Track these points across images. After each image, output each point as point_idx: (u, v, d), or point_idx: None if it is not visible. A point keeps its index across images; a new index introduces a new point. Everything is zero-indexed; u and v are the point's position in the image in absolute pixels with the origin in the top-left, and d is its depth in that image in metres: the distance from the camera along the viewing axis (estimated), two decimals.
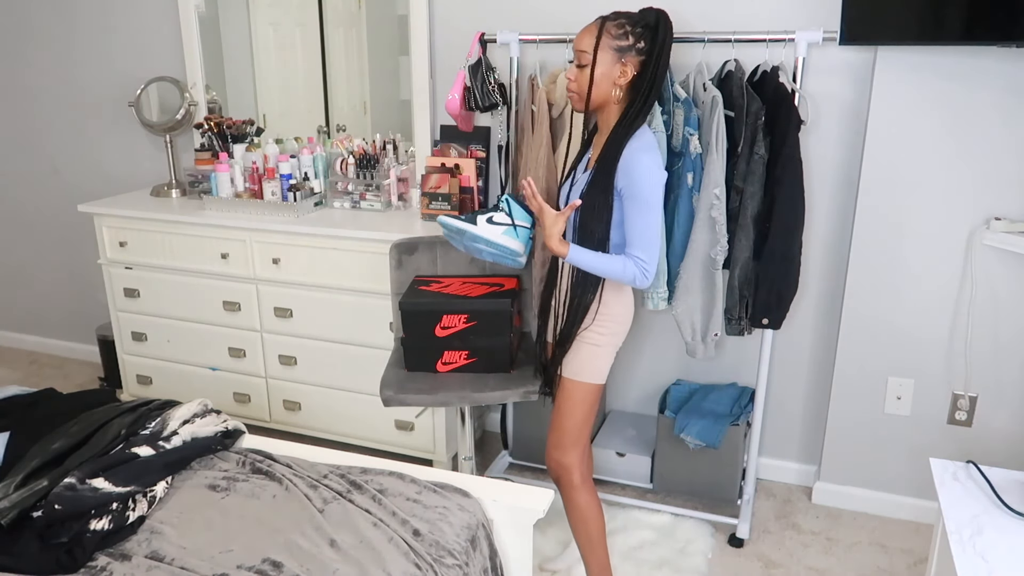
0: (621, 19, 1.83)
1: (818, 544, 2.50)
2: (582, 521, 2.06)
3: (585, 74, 1.84)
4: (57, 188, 3.59)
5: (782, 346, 2.71)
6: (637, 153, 1.82)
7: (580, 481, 2.03)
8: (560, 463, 2.03)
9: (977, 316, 2.39)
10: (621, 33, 1.81)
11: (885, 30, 2.15)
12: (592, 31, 1.83)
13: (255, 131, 3.11)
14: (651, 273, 1.85)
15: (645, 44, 1.82)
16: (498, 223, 2.05)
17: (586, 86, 1.85)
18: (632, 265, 1.84)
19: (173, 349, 3.03)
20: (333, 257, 2.67)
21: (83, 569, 1.52)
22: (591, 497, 2.06)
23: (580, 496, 2.04)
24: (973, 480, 1.55)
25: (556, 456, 2.03)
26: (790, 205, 2.20)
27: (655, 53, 1.83)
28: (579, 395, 1.98)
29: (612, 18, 1.83)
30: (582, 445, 2.04)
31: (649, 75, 1.84)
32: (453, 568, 1.55)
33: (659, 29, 1.82)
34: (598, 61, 1.82)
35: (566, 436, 2.01)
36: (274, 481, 1.77)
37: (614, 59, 1.82)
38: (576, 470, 2.03)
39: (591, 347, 1.96)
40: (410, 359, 2.22)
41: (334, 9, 2.99)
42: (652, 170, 1.82)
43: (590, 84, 1.84)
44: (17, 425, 1.96)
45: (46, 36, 3.38)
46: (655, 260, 1.85)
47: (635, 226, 1.83)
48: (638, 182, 1.81)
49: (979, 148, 2.27)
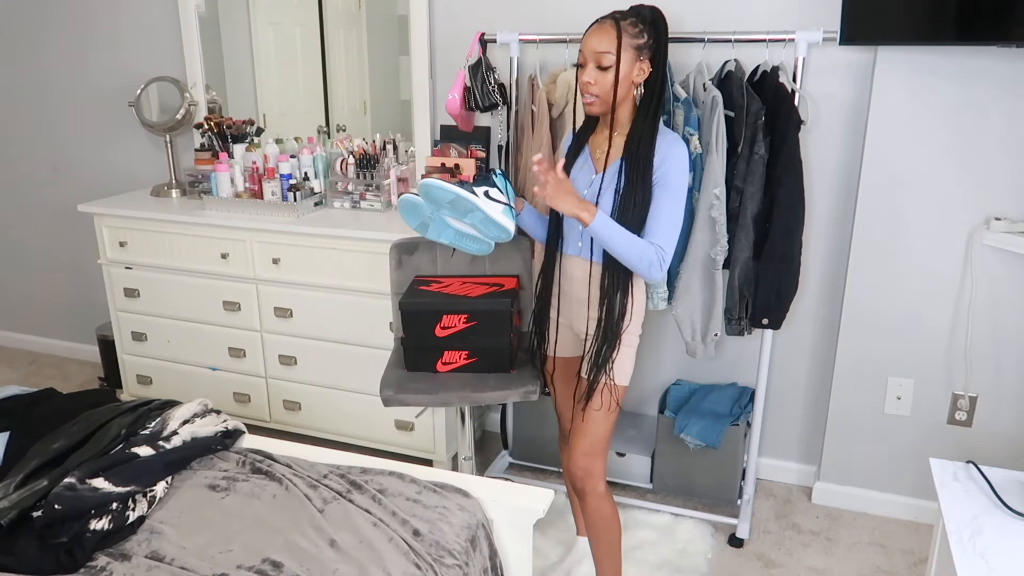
0: (632, 17, 1.81)
1: (818, 544, 2.50)
2: (606, 530, 2.03)
3: (608, 76, 1.79)
4: (57, 188, 3.60)
5: (782, 346, 2.71)
6: (673, 145, 1.82)
7: (605, 490, 2.00)
8: (589, 471, 1.97)
9: (977, 316, 2.39)
10: (637, 31, 1.79)
11: (885, 30, 2.15)
12: (610, 31, 1.78)
13: (255, 131, 3.11)
14: (667, 264, 1.81)
15: (652, 40, 1.82)
16: (495, 200, 1.94)
17: (609, 88, 1.80)
18: (653, 252, 1.79)
19: (173, 349, 3.03)
20: (333, 257, 2.67)
21: (83, 569, 1.52)
22: (614, 506, 2.03)
23: (606, 505, 2.00)
24: (973, 480, 1.55)
25: (585, 464, 1.97)
26: (790, 205, 2.20)
27: (662, 47, 1.83)
28: (615, 400, 1.94)
29: (626, 16, 1.81)
30: (607, 453, 2.00)
31: (660, 70, 1.84)
32: (453, 568, 1.55)
33: (659, 24, 1.82)
34: (621, 61, 1.78)
35: (599, 443, 1.96)
36: (274, 481, 1.77)
37: (634, 58, 1.80)
38: (602, 479, 1.99)
39: (627, 348, 1.93)
40: (410, 359, 2.21)
41: (334, 9, 2.99)
42: (685, 162, 1.83)
43: (615, 86, 1.80)
44: (17, 425, 1.96)
45: (46, 36, 3.38)
46: (672, 252, 1.83)
47: (661, 214, 1.80)
48: (673, 170, 1.80)
49: (979, 148, 2.27)
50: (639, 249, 1.78)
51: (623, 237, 1.78)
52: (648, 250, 1.79)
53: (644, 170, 1.81)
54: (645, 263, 1.79)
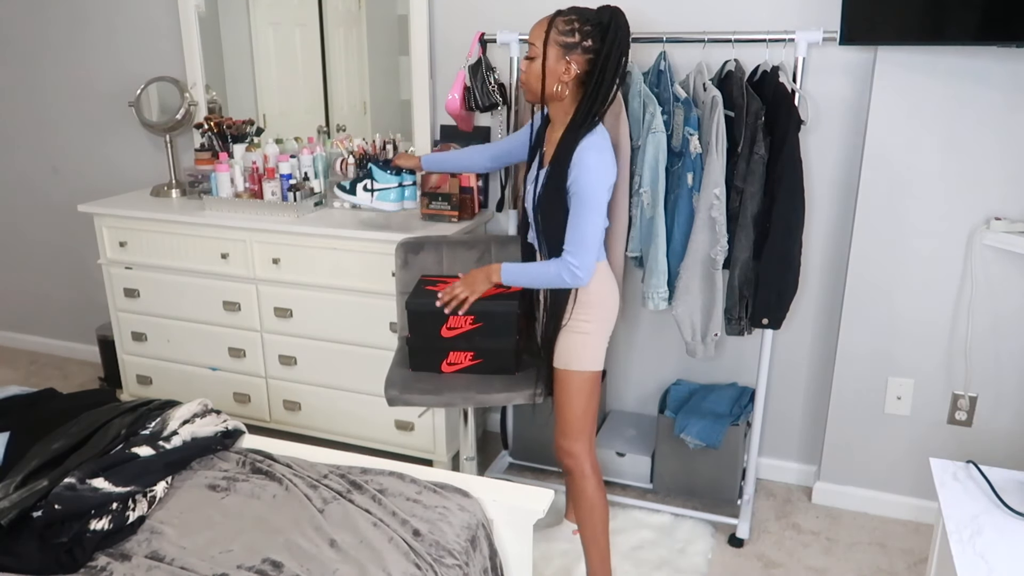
0: (572, 15, 1.82)
1: (818, 544, 2.50)
2: (590, 511, 2.08)
3: (535, 67, 1.85)
4: (57, 188, 3.59)
5: (782, 346, 2.71)
6: (584, 151, 1.83)
7: (591, 471, 2.06)
8: (568, 451, 2.06)
9: (977, 316, 2.39)
10: (568, 30, 1.81)
11: (885, 30, 2.15)
12: (543, 24, 1.83)
13: (255, 131, 3.11)
14: (583, 274, 1.87)
15: (594, 43, 1.82)
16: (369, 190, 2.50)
17: (535, 79, 1.86)
18: (562, 268, 1.88)
19: (173, 349, 3.03)
20: (333, 257, 2.67)
21: (83, 569, 1.52)
22: (600, 487, 2.09)
23: (590, 485, 2.07)
24: (973, 480, 1.55)
25: (564, 445, 2.06)
26: (790, 205, 2.20)
27: (603, 52, 1.82)
28: (575, 384, 2.01)
29: (564, 13, 1.83)
30: (588, 434, 2.06)
31: (596, 74, 1.83)
32: (453, 568, 1.55)
33: (610, 28, 1.81)
34: (546, 56, 1.82)
35: (570, 425, 2.04)
36: (274, 481, 1.77)
37: (559, 55, 1.82)
38: (587, 459, 2.06)
39: (580, 336, 1.99)
40: (415, 359, 2.21)
41: (334, 9, 2.99)
42: (596, 168, 1.83)
43: (542, 78, 1.84)
44: (17, 425, 1.95)
45: (46, 36, 3.38)
46: (588, 262, 1.87)
47: (571, 225, 1.87)
48: (580, 179, 1.83)
49: (979, 148, 2.27)
50: (548, 273, 1.92)
51: (529, 272, 1.97)
52: (553, 268, 1.90)
53: (559, 175, 1.86)
54: (559, 280, 1.90)
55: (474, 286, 2.04)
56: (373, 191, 2.51)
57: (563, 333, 1.99)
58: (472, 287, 2.04)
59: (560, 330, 1.99)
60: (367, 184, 2.51)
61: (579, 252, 1.86)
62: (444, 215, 2.68)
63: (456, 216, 2.67)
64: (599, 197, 1.84)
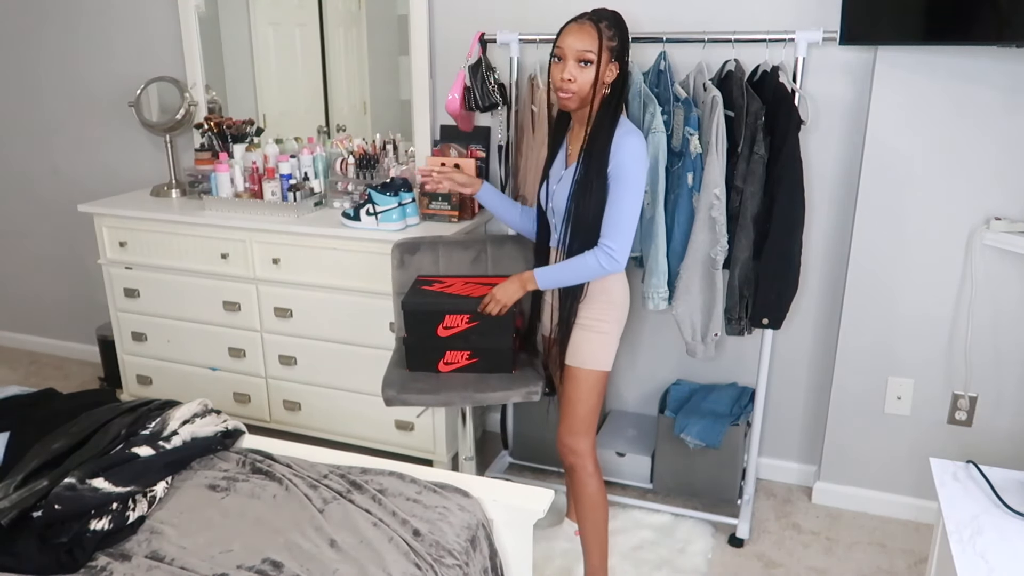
0: (606, 20, 1.90)
1: (818, 544, 2.50)
2: (592, 508, 2.09)
3: (589, 73, 1.88)
4: (57, 188, 3.59)
5: (782, 346, 2.71)
6: (623, 137, 1.90)
7: (594, 469, 2.08)
8: (574, 449, 2.07)
9: (977, 316, 2.39)
10: (611, 35, 1.89)
11: (885, 30, 2.15)
12: (592, 32, 1.87)
13: (255, 131, 3.11)
14: (620, 258, 1.90)
15: (619, 43, 1.91)
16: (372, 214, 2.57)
17: (589, 85, 1.88)
18: (599, 254, 1.90)
19: (173, 349, 3.03)
20: (333, 257, 2.67)
21: (83, 569, 1.52)
22: (602, 486, 2.10)
23: (592, 483, 2.08)
24: (973, 480, 1.55)
25: (570, 442, 2.07)
26: (790, 205, 2.20)
27: (626, 50, 1.93)
28: (588, 382, 2.02)
29: (600, 19, 1.89)
30: (593, 432, 2.08)
31: (624, 70, 1.94)
32: (453, 568, 1.55)
33: (623, 27, 1.92)
34: (601, 61, 1.87)
35: (579, 423, 2.05)
36: (274, 481, 1.77)
37: (608, 59, 1.89)
38: (590, 457, 2.07)
39: (600, 335, 2.00)
40: (412, 359, 2.21)
41: (334, 9, 2.99)
42: (638, 150, 1.90)
43: (594, 83, 1.88)
44: (17, 425, 1.96)
45: (46, 36, 3.38)
46: (625, 247, 1.90)
47: (611, 210, 1.90)
48: (624, 162, 1.88)
49: (979, 148, 2.27)
50: (584, 265, 1.92)
51: (564, 270, 1.96)
52: (590, 258, 1.91)
53: (599, 161, 1.90)
54: (597, 268, 1.91)
55: (508, 297, 2.04)
56: (376, 215, 2.56)
57: (582, 331, 2.01)
58: (506, 298, 2.04)
59: (574, 327, 2.01)
60: (369, 208, 2.57)
61: (616, 236, 1.89)
62: (444, 215, 2.68)
63: (456, 216, 2.67)
64: (640, 180, 1.90)
